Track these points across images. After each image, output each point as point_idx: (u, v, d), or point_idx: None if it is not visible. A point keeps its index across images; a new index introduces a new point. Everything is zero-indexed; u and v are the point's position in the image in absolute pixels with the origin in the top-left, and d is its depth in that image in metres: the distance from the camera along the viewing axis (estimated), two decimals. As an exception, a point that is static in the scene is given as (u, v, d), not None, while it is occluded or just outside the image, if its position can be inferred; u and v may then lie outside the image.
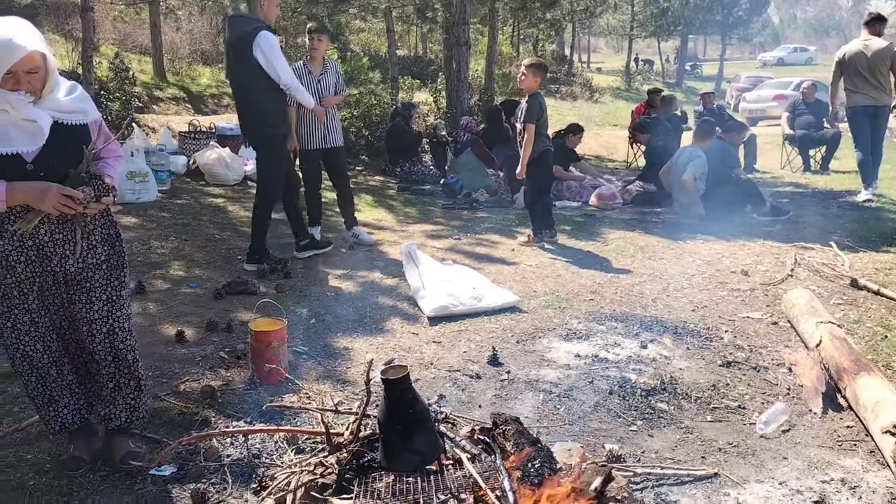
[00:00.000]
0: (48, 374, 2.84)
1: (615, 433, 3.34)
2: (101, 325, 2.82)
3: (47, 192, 2.57)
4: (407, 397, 2.70)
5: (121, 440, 3.00)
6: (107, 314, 2.82)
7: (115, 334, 2.84)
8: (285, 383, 3.74)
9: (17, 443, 3.15)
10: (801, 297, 4.69)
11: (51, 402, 2.89)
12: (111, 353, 2.86)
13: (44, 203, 2.57)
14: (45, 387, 2.86)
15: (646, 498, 2.75)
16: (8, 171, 2.55)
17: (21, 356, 2.79)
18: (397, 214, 8.66)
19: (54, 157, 2.65)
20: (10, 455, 3.04)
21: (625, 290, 5.60)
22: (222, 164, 9.12)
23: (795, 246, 6.74)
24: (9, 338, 2.77)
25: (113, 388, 2.93)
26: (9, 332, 2.76)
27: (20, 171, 2.58)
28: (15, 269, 2.68)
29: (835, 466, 3.06)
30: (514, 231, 7.63)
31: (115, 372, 2.90)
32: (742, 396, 3.75)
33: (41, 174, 2.60)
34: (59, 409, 2.91)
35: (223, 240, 6.75)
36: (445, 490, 2.48)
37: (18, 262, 2.68)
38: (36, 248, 2.69)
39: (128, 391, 2.96)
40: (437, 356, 4.27)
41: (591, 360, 4.19)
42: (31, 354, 2.78)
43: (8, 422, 3.29)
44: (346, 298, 5.33)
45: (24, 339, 2.77)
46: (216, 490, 2.85)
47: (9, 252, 2.67)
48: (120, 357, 2.88)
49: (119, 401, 2.96)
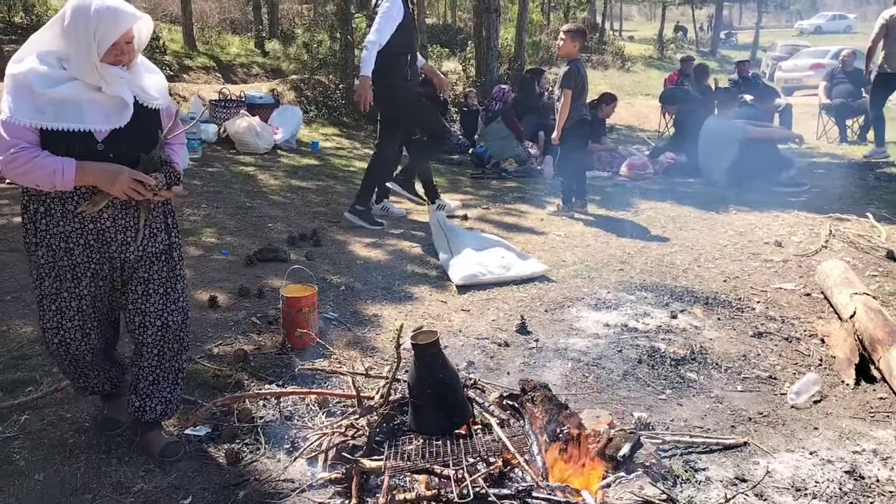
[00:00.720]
0: (83, 358, 2.76)
1: (644, 401, 3.35)
2: (154, 318, 2.70)
3: (119, 175, 2.45)
4: (437, 362, 2.72)
5: (156, 435, 2.87)
6: (162, 307, 2.70)
7: (167, 328, 2.72)
8: (316, 348, 3.79)
9: (56, 402, 3.23)
10: (836, 269, 4.61)
11: (82, 376, 2.85)
12: (158, 346, 2.73)
13: (114, 186, 2.46)
14: (77, 367, 2.80)
15: (674, 465, 2.75)
16: (76, 149, 2.42)
17: (59, 342, 2.68)
18: (426, 184, 8.64)
19: (126, 140, 2.51)
20: (51, 414, 3.13)
21: (655, 260, 5.56)
22: (252, 132, 9.17)
23: (830, 217, 6.62)
24: (50, 321, 2.65)
25: (151, 382, 2.80)
26: (51, 316, 2.64)
27: (89, 151, 2.44)
28: (72, 252, 2.55)
29: (867, 437, 3.03)
30: (544, 201, 7.59)
31: (156, 366, 2.77)
32: (773, 367, 3.72)
33: (110, 155, 2.48)
34: (88, 380, 2.87)
35: (253, 208, 6.81)
36: (474, 453, 2.51)
37: (77, 244, 2.54)
38: (97, 231, 2.55)
39: (165, 385, 2.82)
40: (466, 324, 4.29)
41: (620, 330, 4.18)
42: (68, 342, 2.68)
43: (48, 382, 3.39)
44: (375, 266, 5.36)
45: (66, 326, 2.65)
46: (250, 450, 2.91)
47: (68, 234, 2.53)
48: (166, 351, 2.76)
49: (155, 395, 2.81)
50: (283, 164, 8.84)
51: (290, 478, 2.71)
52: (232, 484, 2.68)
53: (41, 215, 2.52)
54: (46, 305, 2.64)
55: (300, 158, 9.27)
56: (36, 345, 3.69)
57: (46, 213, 2.52)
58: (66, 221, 2.53)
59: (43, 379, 3.42)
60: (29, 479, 2.69)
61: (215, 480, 2.70)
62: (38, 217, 2.53)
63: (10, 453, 2.84)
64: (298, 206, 7.03)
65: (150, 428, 2.86)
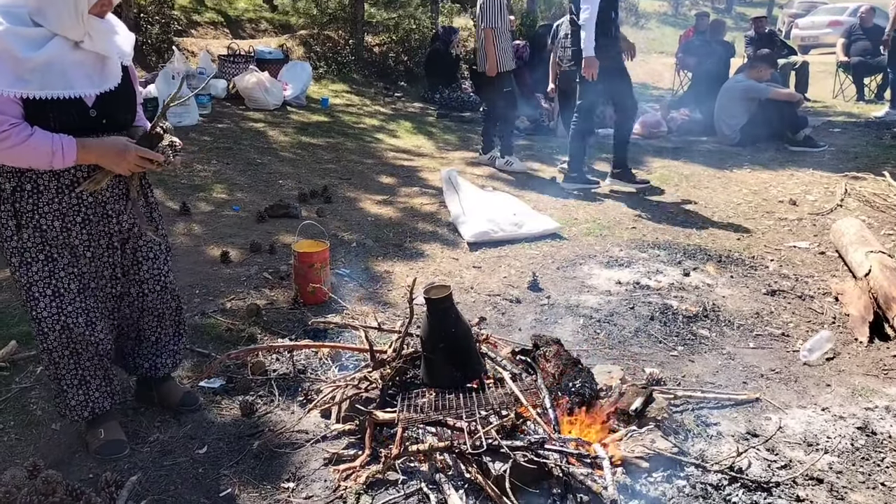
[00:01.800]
0: (86, 350, 2.47)
1: (655, 358, 3.34)
2: (153, 284, 2.60)
3: (125, 154, 2.30)
4: (450, 316, 2.72)
5: (172, 386, 2.86)
6: (157, 271, 2.60)
7: (165, 290, 2.64)
8: (328, 304, 3.80)
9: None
10: (851, 227, 4.57)
11: (82, 383, 2.52)
12: (159, 308, 2.66)
13: (120, 166, 2.32)
14: (78, 365, 2.49)
15: (686, 420, 2.76)
16: (68, 119, 2.22)
17: (60, 329, 2.39)
18: (436, 141, 8.58)
19: (115, 103, 2.35)
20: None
21: (668, 218, 5.52)
22: (261, 88, 9.08)
23: (846, 176, 6.54)
24: (46, 308, 2.36)
25: (155, 342, 2.74)
26: (48, 302, 2.36)
27: (82, 120, 2.26)
28: (69, 231, 2.35)
29: (879, 394, 3.03)
30: (555, 158, 7.52)
31: (157, 326, 2.71)
32: (786, 324, 3.71)
33: (103, 121, 2.32)
34: (90, 391, 2.54)
35: (264, 164, 6.78)
36: (487, 406, 2.52)
37: (74, 222, 2.36)
38: (97, 205, 2.39)
39: (167, 340, 2.77)
40: (478, 281, 4.29)
41: (633, 287, 4.16)
42: (71, 327, 2.39)
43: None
44: (387, 224, 5.34)
45: (66, 310, 2.38)
46: (263, 402, 2.94)
47: (64, 211, 2.33)
48: (165, 311, 2.68)
49: (162, 351, 2.77)
50: (292, 121, 8.77)
51: (303, 429, 2.73)
52: (246, 434, 2.71)
53: (27, 193, 2.28)
54: (40, 292, 2.36)
55: (310, 115, 9.19)
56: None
57: (34, 190, 2.29)
58: (62, 198, 2.32)
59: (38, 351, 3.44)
60: (46, 429, 2.72)
61: (230, 431, 2.73)
62: (21, 196, 2.28)
63: (27, 403, 2.88)
64: (309, 163, 7.00)
65: (165, 381, 2.86)
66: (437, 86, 10.75)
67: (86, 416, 2.56)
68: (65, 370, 2.49)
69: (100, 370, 2.55)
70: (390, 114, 10.00)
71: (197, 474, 2.49)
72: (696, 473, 2.42)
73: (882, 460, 2.57)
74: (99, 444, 2.56)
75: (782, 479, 2.42)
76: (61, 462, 2.52)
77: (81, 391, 2.53)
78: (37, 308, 2.37)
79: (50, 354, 2.45)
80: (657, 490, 2.34)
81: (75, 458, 2.56)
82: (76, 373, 2.50)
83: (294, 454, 2.59)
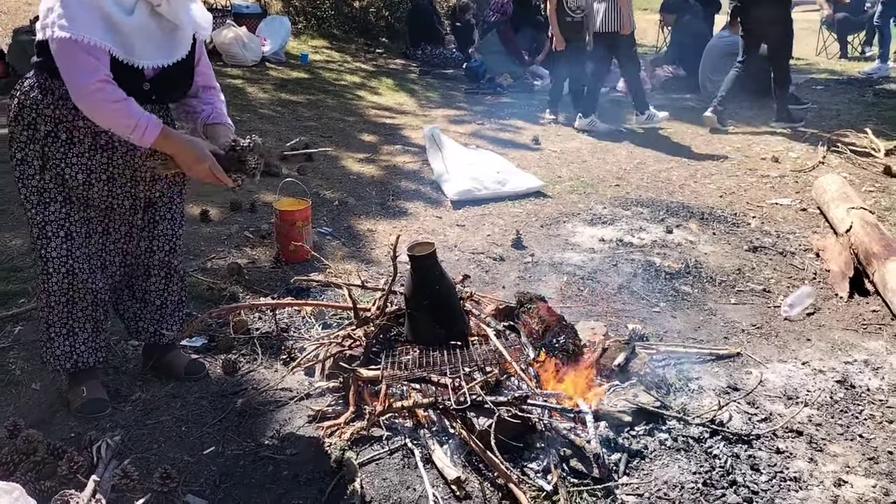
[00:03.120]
0: (82, 299, 2.45)
1: (638, 314, 3.36)
2: (163, 243, 2.60)
3: (202, 162, 2.25)
4: (434, 273, 2.70)
5: (176, 354, 2.82)
6: (171, 232, 2.61)
7: (174, 252, 2.64)
8: (310, 262, 3.77)
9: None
10: (833, 183, 4.58)
11: (70, 333, 2.50)
12: (166, 269, 2.65)
13: (191, 169, 2.28)
14: (71, 315, 2.47)
15: (668, 374, 2.78)
16: (121, 85, 2.14)
17: (65, 271, 2.38)
18: (419, 98, 8.48)
19: (172, 79, 2.31)
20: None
21: (651, 176, 5.51)
22: (239, 43, 8.87)
23: (828, 133, 6.54)
24: (56, 249, 2.36)
25: (160, 306, 2.71)
26: (59, 243, 2.35)
27: (133, 89, 2.19)
28: (91, 186, 2.34)
29: (858, 348, 3.07)
30: (538, 116, 7.46)
31: (164, 288, 2.69)
32: (767, 280, 3.73)
33: (153, 97, 2.29)
34: (76, 344, 2.51)
35: (243, 122, 6.65)
36: (471, 363, 2.52)
37: (99, 179, 2.35)
38: (125, 168, 2.37)
39: (172, 307, 2.74)
40: (461, 239, 4.27)
41: (616, 245, 4.16)
42: (76, 271, 2.39)
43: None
44: (369, 182, 5.29)
45: (75, 253, 2.38)
46: (246, 361, 2.92)
47: (91, 168, 2.31)
48: (172, 274, 2.68)
49: (167, 318, 2.73)
50: (271, 77, 8.61)
51: (287, 387, 2.73)
52: (230, 393, 2.70)
53: (61, 142, 2.26)
54: (53, 232, 2.34)
55: (289, 71, 9.02)
56: (27, 257, 3.65)
57: (69, 140, 2.26)
58: (93, 154, 2.31)
59: (35, 290, 3.39)
60: (26, 389, 2.69)
61: (212, 390, 2.72)
62: (53, 142, 2.26)
63: (6, 363, 2.84)
64: (289, 121, 6.89)
65: (169, 350, 2.80)
66: (420, 42, 10.58)
67: (68, 367, 2.53)
68: (57, 317, 2.47)
69: (90, 323, 2.52)
70: (372, 70, 9.84)
71: (180, 432, 2.48)
72: (677, 427, 2.44)
73: (860, 413, 2.61)
74: (80, 402, 2.53)
75: (762, 432, 2.45)
76: (42, 422, 2.49)
77: (68, 342, 2.50)
78: (47, 247, 2.36)
79: (48, 297, 2.43)
80: (639, 443, 2.37)
81: (56, 418, 2.53)
82: (67, 322, 2.48)
83: (278, 412, 2.59)
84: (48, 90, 2.23)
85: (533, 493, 2.14)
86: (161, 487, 2.15)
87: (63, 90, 2.18)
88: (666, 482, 2.21)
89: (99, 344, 2.58)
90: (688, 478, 2.22)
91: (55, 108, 2.23)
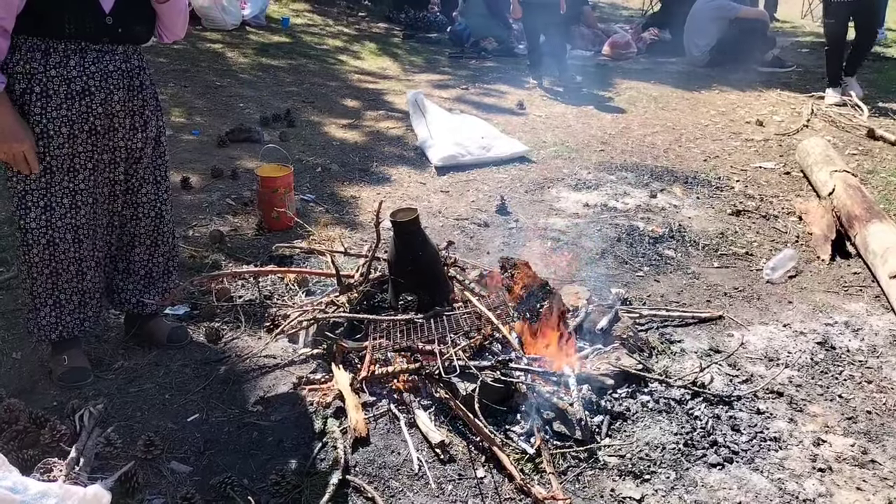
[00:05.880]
0: (67, 270, 2.42)
1: (622, 278, 3.37)
2: (149, 209, 2.56)
3: (10, 144, 2.19)
4: (417, 240, 2.69)
5: (158, 323, 2.78)
6: (155, 197, 2.57)
7: (161, 218, 2.61)
8: (293, 229, 3.74)
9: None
10: (816, 147, 4.59)
11: (56, 304, 2.46)
12: (152, 237, 2.61)
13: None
14: (56, 286, 2.43)
15: (650, 337, 2.80)
16: (84, 25, 2.17)
17: (45, 243, 2.35)
18: (402, 63, 8.36)
19: (132, 11, 2.29)
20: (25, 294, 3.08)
21: (636, 140, 5.49)
22: (218, 7, 8.68)
23: (813, 96, 6.53)
24: (35, 220, 2.32)
25: (143, 276, 2.66)
26: (38, 213, 2.32)
27: (97, 25, 2.21)
28: (75, 139, 2.30)
29: (839, 310, 3.10)
30: (524, 81, 7.39)
31: (149, 258, 2.65)
32: (750, 244, 3.75)
33: (119, 30, 2.27)
34: (62, 314, 2.48)
35: (223, 87, 6.55)
36: (456, 328, 2.52)
37: (82, 130, 2.30)
38: (105, 116, 2.33)
39: (157, 276, 2.70)
40: (445, 205, 4.25)
41: (600, 210, 4.16)
42: (57, 242, 2.36)
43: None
44: (352, 148, 5.23)
45: (55, 224, 2.34)
46: (229, 328, 2.91)
47: (72, 119, 2.27)
48: (159, 242, 2.64)
49: (151, 288, 2.69)
50: (252, 42, 8.46)
51: (271, 354, 2.72)
52: (213, 360, 2.69)
53: (36, 96, 2.22)
54: (33, 202, 2.31)
55: (270, 35, 8.86)
56: (6, 225, 3.59)
57: (43, 93, 2.22)
58: (71, 104, 2.26)
59: (14, 259, 3.35)
60: (7, 358, 2.67)
61: (196, 357, 2.71)
62: (30, 99, 2.22)
63: (-15, 333, 2.81)
64: (270, 86, 6.78)
65: (151, 318, 2.77)
66: (403, 5, 10.42)
67: (53, 337, 2.50)
68: (41, 287, 2.43)
69: (76, 294, 2.48)
70: (354, 34, 9.69)
71: (164, 400, 2.47)
72: (659, 389, 2.47)
73: (840, 374, 2.64)
74: (62, 370, 2.51)
75: (743, 393, 2.48)
76: (23, 390, 2.47)
77: (55, 312, 2.47)
78: (26, 218, 2.33)
79: (30, 269, 2.40)
80: (622, 406, 2.39)
81: (38, 387, 2.52)
82: (53, 293, 2.45)
83: (262, 379, 2.59)
84: (15, 47, 2.21)
85: (516, 456, 2.16)
86: (145, 455, 2.15)
87: (29, 43, 2.19)
88: (648, 443, 2.23)
89: (86, 314, 2.54)
90: (669, 439, 2.25)
91: (25, 63, 2.21)
